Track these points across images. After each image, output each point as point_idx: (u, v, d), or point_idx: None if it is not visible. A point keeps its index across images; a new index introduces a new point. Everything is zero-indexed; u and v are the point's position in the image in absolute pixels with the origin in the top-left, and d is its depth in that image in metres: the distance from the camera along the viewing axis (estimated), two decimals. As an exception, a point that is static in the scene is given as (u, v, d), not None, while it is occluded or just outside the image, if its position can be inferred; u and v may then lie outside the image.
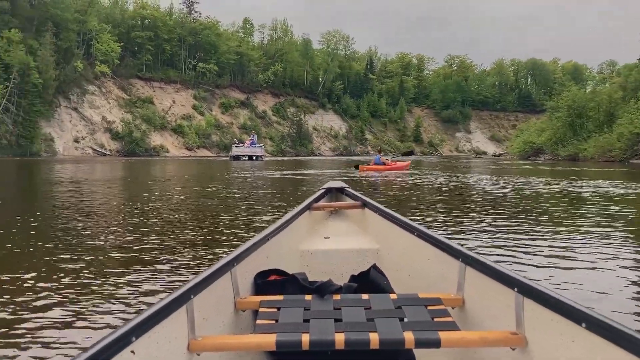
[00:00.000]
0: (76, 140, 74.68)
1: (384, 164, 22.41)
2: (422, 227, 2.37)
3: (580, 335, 1.36)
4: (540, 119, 70.99)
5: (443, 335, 1.52)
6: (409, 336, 1.50)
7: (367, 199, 3.12)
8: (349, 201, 3.36)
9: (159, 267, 4.08)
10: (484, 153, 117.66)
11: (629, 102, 44.11)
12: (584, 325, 1.35)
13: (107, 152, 74.58)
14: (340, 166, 32.58)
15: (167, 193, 11.42)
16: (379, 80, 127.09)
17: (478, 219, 7.02)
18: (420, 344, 1.50)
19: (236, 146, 50.44)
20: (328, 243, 2.85)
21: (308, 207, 3.13)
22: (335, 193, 3.55)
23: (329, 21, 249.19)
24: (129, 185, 15.27)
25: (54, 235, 5.61)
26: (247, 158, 46.75)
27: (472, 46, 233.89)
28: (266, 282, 2.11)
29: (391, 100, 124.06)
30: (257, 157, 47.45)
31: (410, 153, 34.80)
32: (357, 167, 24.12)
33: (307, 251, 2.74)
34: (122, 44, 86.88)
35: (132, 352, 1.26)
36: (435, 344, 1.50)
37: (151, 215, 7.25)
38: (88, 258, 4.40)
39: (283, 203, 9.16)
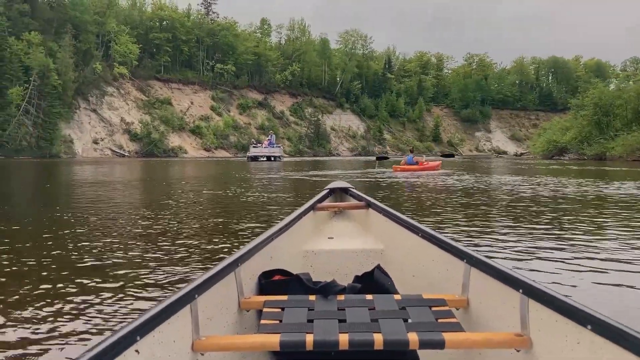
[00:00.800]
0: (95, 142, 75.06)
1: (416, 163, 21.65)
2: (426, 228, 2.35)
3: (586, 337, 1.36)
4: (564, 117, 69.60)
5: (447, 336, 1.52)
6: (413, 337, 1.50)
7: (371, 199, 3.09)
8: (353, 201, 3.33)
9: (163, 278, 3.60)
10: (505, 152, 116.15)
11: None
12: (589, 327, 1.35)
13: (126, 154, 74.79)
14: (361, 166, 31.94)
15: (185, 195, 10.89)
16: (397, 79, 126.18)
17: (526, 229, 6.31)
18: (424, 345, 1.50)
19: (254, 146, 49.68)
20: (332, 243, 2.84)
21: (312, 207, 3.10)
22: (339, 193, 3.52)
23: (347, 21, 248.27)
24: (147, 186, 14.82)
25: (72, 239, 5.28)
26: (265, 159, 45.91)
27: (492, 44, 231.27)
28: (270, 282, 2.10)
29: (410, 100, 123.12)
30: (275, 157, 46.62)
31: (450, 155, 33.52)
32: (378, 159, 23.35)
33: (311, 251, 2.72)
34: (140, 45, 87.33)
35: (137, 351, 1.27)
36: (440, 345, 1.50)
37: (167, 219, 6.70)
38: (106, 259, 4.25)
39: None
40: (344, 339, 1.50)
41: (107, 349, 1.16)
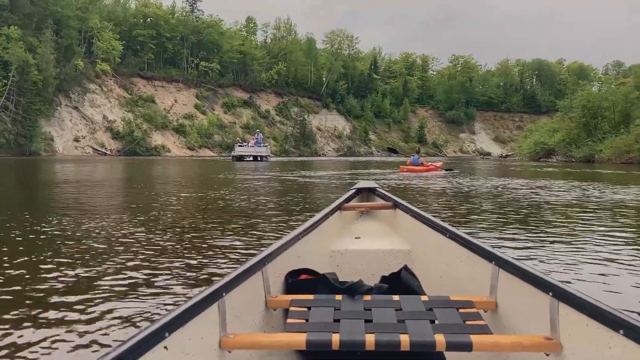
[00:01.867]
0: (76, 140, 73.58)
1: (421, 164, 22.20)
2: (454, 229, 2.32)
3: (618, 342, 1.33)
4: (550, 119, 69.76)
5: (475, 338, 1.50)
6: (440, 339, 1.49)
7: (399, 200, 3.08)
8: (380, 201, 3.32)
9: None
10: (489, 154, 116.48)
11: (647, 101, 42.98)
12: (621, 331, 1.32)
13: (108, 152, 73.38)
14: (352, 166, 31.33)
15: (163, 199, 10.14)
16: (382, 80, 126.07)
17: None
18: (451, 347, 1.49)
19: (239, 145, 46.87)
20: (359, 243, 2.82)
21: (339, 207, 3.09)
22: (366, 193, 3.50)
23: (334, 21, 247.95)
24: (123, 188, 14.02)
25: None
26: (251, 158, 43.76)
27: (477, 47, 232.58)
28: (297, 281, 2.11)
29: (395, 101, 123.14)
30: (261, 157, 44.36)
31: (449, 170, 34.22)
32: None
33: (338, 251, 2.71)
34: (123, 42, 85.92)
35: (165, 347, 1.29)
36: (467, 347, 1.48)
37: (141, 226, 6.00)
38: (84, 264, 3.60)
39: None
40: (370, 339, 1.50)
41: (136, 345, 1.17)
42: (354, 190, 3.45)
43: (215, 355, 1.50)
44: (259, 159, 43.44)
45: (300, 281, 2.12)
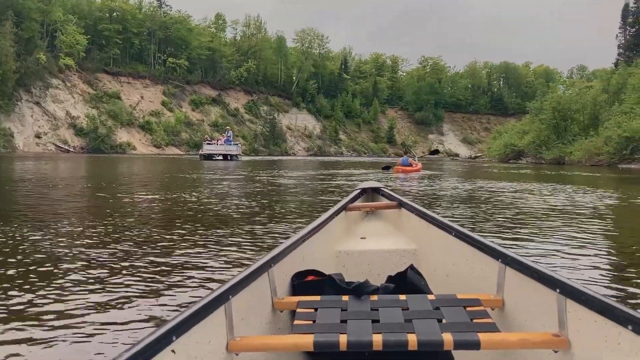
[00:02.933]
0: (38, 136, 70.97)
1: (410, 164, 22.07)
2: (459, 227, 2.32)
3: (627, 338, 1.33)
4: (518, 121, 70.41)
5: (483, 336, 1.50)
6: (447, 337, 1.49)
7: (404, 199, 3.06)
8: (385, 201, 3.29)
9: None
10: (457, 155, 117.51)
11: (612, 105, 43.43)
12: (630, 327, 1.32)
13: (71, 149, 71.01)
14: (327, 166, 30.67)
15: (121, 202, 9.31)
16: (353, 80, 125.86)
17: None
18: (459, 345, 1.49)
19: (208, 143, 43.96)
20: (364, 243, 2.82)
21: (344, 208, 3.08)
22: (371, 193, 3.47)
23: (305, 19, 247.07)
24: (84, 188, 13.07)
25: None
26: (221, 157, 40.93)
27: (445, 48, 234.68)
28: (303, 282, 2.12)
29: (365, 101, 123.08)
30: (232, 156, 41.58)
31: (435, 152, 35.68)
32: (386, 168, 23.94)
33: (344, 252, 2.71)
34: (88, 36, 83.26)
35: (173, 351, 1.29)
36: (475, 345, 1.48)
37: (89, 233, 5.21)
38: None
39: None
40: (377, 339, 1.50)
41: (144, 349, 1.17)
42: (359, 190, 3.41)
43: (223, 358, 1.50)
44: (229, 158, 40.98)
45: (307, 282, 2.12)
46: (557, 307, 1.56)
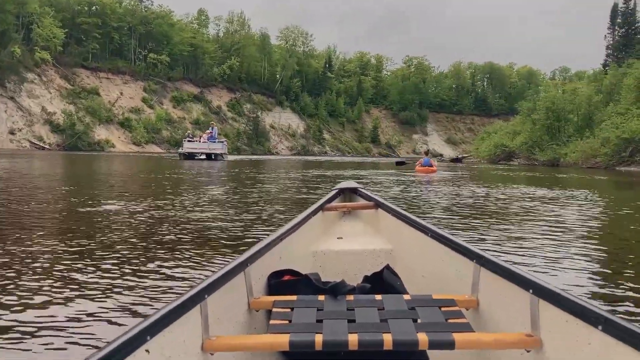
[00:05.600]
0: (12, 132, 68.41)
1: (431, 165, 22.21)
2: (435, 228, 2.34)
3: (597, 338, 1.36)
4: (503, 122, 69.71)
5: (457, 336, 1.52)
6: (422, 337, 1.51)
7: (381, 200, 3.08)
8: (362, 202, 3.31)
9: None
10: (441, 155, 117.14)
11: (606, 106, 42.57)
12: (600, 327, 1.35)
13: (47, 146, 68.45)
14: (312, 166, 29.17)
15: (88, 209, 7.69)
16: (337, 79, 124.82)
17: None
18: (434, 345, 1.51)
19: (189, 140, 38.90)
20: (341, 243, 2.83)
21: (321, 208, 3.08)
22: (348, 193, 3.48)
23: (289, 17, 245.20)
24: (52, 189, 11.39)
25: None
26: (204, 157, 36.55)
27: (431, 48, 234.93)
28: (280, 282, 2.12)
29: (349, 100, 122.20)
30: (216, 155, 36.93)
31: (458, 160, 36.39)
32: (400, 164, 24.42)
33: (321, 251, 2.71)
34: (66, 30, 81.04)
35: (147, 351, 1.28)
36: (450, 345, 1.50)
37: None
38: None
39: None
40: (353, 339, 1.51)
41: (117, 349, 1.17)
42: (336, 191, 3.41)
43: (198, 358, 1.50)
44: (213, 158, 36.70)
45: (283, 282, 2.10)
46: (530, 308, 1.58)
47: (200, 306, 1.53)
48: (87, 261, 3.98)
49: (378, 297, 1.83)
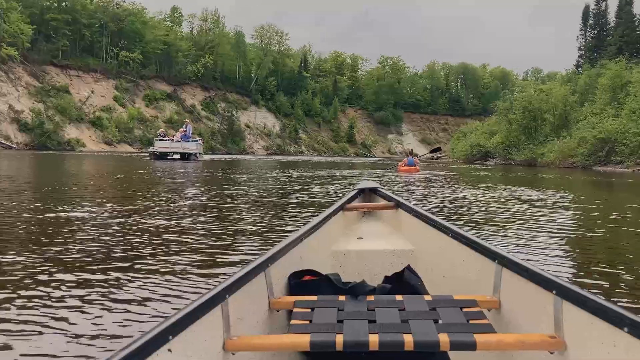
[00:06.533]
0: (-23, 131, 66.25)
1: (415, 164, 22.49)
2: (456, 228, 2.33)
3: (623, 340, 1.34)
4: (478, 122, 69.94)
5: (479, 337, 1.50)
6: (444, 338, 1.50)
7: (401, 200, 3.08)
8: (383, 202, 3.31)
9: None
10: (416, 155, 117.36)
11: (582, 105, 42.84)
12: (626, 329, 1.33)
13: (14, 145, 66.29)
14: (287, 167, 28.56)
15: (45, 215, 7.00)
16: (313, 79, 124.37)
17: None
18: (455, 346, 1.49)
19: (161, 139, 35.84)
20: (361, 244, 2.81)
21: (341, 208, 3.08)
22: (368, 193, 3.48)
23: (265, 16, 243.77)
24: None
25: None
26: (178, 156, 34.09)
27: (406, 48, 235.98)
28: (300, 282, 2.12)
29: (325, 100, 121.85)
30: (190, 155, 34.44)
31: (437, 150, 36.53)
32: (386, 169, 24.48)
33: (341, 252, 2.69)
34: (34, 26, 78.70)
35: (169, 350, 1.29)
36: (471, 346, 1.49)
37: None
38: None
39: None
40: (374, 339, 1.50)
41: (140, 348, 1.18)
42: (356, 191, 3.43)
43: (219, 358, 1.50)
44: (187, 158, 34.16)
45: (304, 282, 2.10)
46: (554, 309, 1.57)
47: (222, 306, 1.54)
48: (50, 274, 3.53)
49: (399, 297, 1.82)
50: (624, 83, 38.37)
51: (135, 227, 5.55)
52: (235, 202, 8.71)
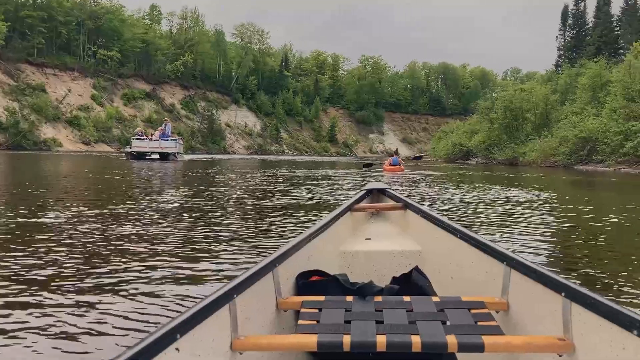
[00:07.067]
0: (-52, 131, 64.53)
1: (399, 165, 22.61)
2: (465, 229, 2.32)
3: (632, 343, 1.33)
4: (459, 122, 70.19)
5: (487, 339, 1.50)
6: (451, 340, 1.49)
7: (409, 200, 3.08)
8: (391, 202, 3.29)
9: None
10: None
11: (563, 104, 43.05)
12: (635, 332, 1.32)
13: (-13, 145, 64.87)
14: (270, 166, 28.08)
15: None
16: (294, 78, 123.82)
17: None
18: (463, 348, 1.49)
19: (138, 138, 34.34)
20: (369, 244, 2.81)
21: (349, 209, 3.08)
22: (376, 194, 3.47)
23: (244, 14, 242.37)
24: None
25: None
26: (157, 156, 32.56)
27: (387, 48, 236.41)
28: (308, 282, 2.12)
29: (306, 99, 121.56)
30: (169, 155, 32.82)
31: (419, 157, 37.86)
32: (367, 166, 25.17)
33: (349, 252, 2.69)
34: (8, 23, 76.69)
35: (177, 349, 1.29)
36: (479, 348, 1.48)
37: None
38: None
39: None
40: (381, 340, 1.50)
41: (148, 347, 1.18)
42: (365, 191, 3.41)
43: (227, 357, 1.51)
44: (166, 157, 32.59)
45: (311, 282, 2.10)
46: (562, 311, 1.56)
47: (229, 306, 1.54)
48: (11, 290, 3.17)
49: (407, 298, 1.82)
50: (604, 82, 38.68)
51: (98, 236, 5.10)
52: (217, 205, 8.27)
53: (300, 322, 1.68)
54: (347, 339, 1.49)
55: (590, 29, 64.77)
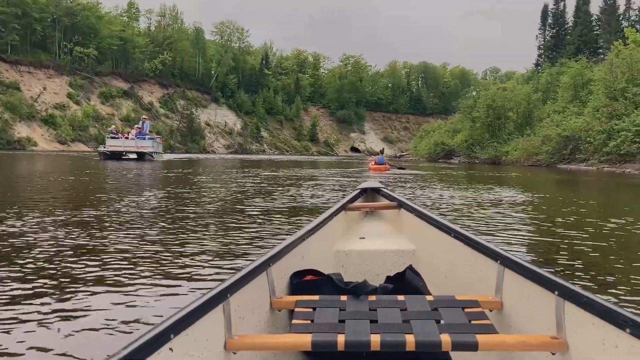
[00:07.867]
0: None
1: (385, 164, 22.57)
2: (459, 228, 2.32)
3: (625, 341, 1.34)
4: (439, 121, 70.28)
5: (481, 338, 1.50)
6: (445, 339, 1.49)
7: (403, 200, 3.07)
8: (385, 201, 3.29)
9: None
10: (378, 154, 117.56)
11: (544, 104, 43.04)
12: (628, 330, 1.33)
13: (-41, 144, 63.05)
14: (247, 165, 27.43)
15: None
16: (274, 76, 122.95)
17: None
18: (457, 346, 1.49)
19: (112, 136, 32.26)
20: (363, 244, 2.81)
21: (343, 208, 3.06)
22: (370, 193, 3.45)
23: (225, 12, 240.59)
24: None
25: None
26: (134, 156, 30.88)
27: (368, 47, 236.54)
28: (302, 282, 2.12)
29: (287, 98, 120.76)
30: (145, 154, 31.17)
31: (356, 150, 38.44)
32: (354, 150, 26.72)
33: (343, 251, 2.70)
34: (-20, 19, 75.10)
35: (171, 349, 1.29)
36: (473, 346, 1.49)
37: None
38: None
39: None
40: (375, 339, 1.50)
41: (141, 346, 1.17)
42: (359, 191, 3.40)
43: (221, 357, 1.51)
44: (143, 157, 30.97)
45: (305, 282, 2.10)
46: (555, 309, 1.57)
47: (223, 305, 1.54)
48: None
49: (400, 297, 1.82)
50: (585, 81, 38.71)
51: (55, 245, 4.46)
52: (195, 211, 7.66)
53: (294, 321, 1.68)
54: (341, 339, 1.50)
55: (570, 28, 65.21)
